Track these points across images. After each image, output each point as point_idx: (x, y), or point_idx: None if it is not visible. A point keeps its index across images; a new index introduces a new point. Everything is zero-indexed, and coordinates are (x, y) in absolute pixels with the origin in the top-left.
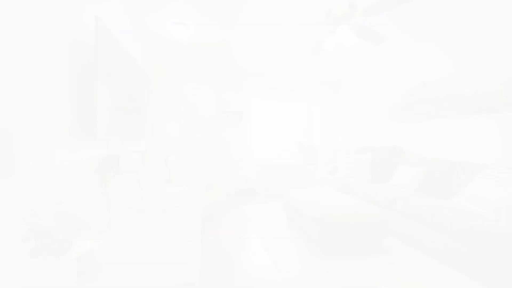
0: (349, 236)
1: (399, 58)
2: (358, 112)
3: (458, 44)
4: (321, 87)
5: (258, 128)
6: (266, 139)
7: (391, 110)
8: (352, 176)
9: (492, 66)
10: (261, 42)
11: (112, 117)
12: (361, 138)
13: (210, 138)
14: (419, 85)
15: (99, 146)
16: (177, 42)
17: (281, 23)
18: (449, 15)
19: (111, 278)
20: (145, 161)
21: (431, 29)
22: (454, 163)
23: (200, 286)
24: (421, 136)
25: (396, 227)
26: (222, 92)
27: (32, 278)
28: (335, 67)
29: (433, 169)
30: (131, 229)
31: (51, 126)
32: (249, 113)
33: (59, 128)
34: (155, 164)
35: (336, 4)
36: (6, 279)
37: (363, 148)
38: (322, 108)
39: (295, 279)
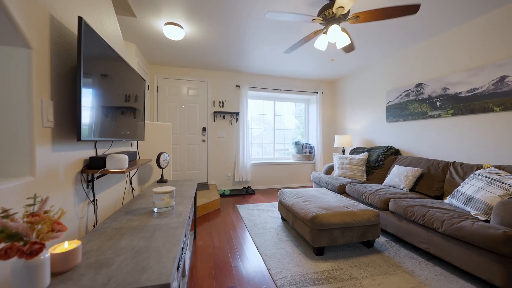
0: (341, 236)
1: (394, 57)
2: (354, 112)
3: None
4: (318, 87)
5: (255, 128)
6: (263, 139)
7: (387, 110)
8: (347, 176)
9: (484, 67)
10: (258, 42)
11: (99, 118)
12: (357, 138)
13: (206, 138)
14: (414, 85)
15: (85, 147)
16: (172, 42)
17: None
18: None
19: (86, 279)
20: (137, 161)
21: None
22: (448, 163)
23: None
24: (415, 136)
25: (389, 227)
26: (219, 91)
27: (2, 281)
28: (331, 68)
29: (427, 169)
30: (116, 230)
31: (31, 126)
32: (245, 113)
33: (40, 128)
34: (148, 164)
35: (328, 4)
36: None
37: (358, 148)
38: (319, 108)
39: (286, 279)
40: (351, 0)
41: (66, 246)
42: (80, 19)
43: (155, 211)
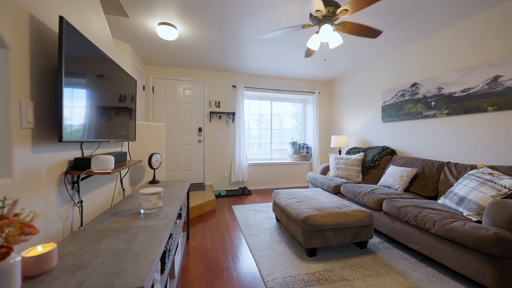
0: (334, 237)
1: (390, 57)
2: (351, 112)
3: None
4: (315, 87)
5: (253, 128)
6: (260, 139)
7: (382, 110)
8: (343, 176)
9: (478, 67)
10: (253, 42)
11: (84, 118)
12: (354, 138)
13: (202, 138)
14: (409, 85)
15: (70, 148)
16: (167, 42)
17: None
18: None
19: (58, 282)
20: (127, 162)
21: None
22: (443, 163)
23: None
24: (411, 136)
25: (383, 227)
26: (215, 92)
27: None
28: (327, 68)
29: (422, 169)
30: (99, 231)
31: (8, 127)
32: (242, 113)
33: (18, 129)
34: (140, 165)
35: (318, 3)
36: None
37: (355, 148)
38: (316, 108)
39: (277, 281)
40: (358, 6)
41: (40, 249)
42: (61, 18)
43: (142, 212)
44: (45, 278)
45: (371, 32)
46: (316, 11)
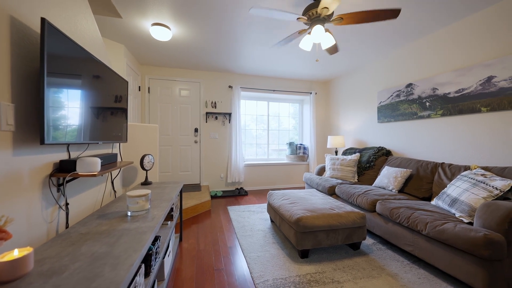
0: (326, 238)
1: (386, 57)
2: (347, 112)
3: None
4: (311, 87)
5: (251, 128)
6: (257, 139)
7: (378, 111)
8: (338, 177)
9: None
10: (249, 42)
11: (70, 120)
12: (350, 138)
13: (198, 139)
14: (404, 86)
15: (56, 150)
16: (161, 43)
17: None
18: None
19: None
20: (117, 163)
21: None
22: (437, 164)
23: None
24: (406, 137)
25: (377, 229)
26: (211, 92)
27: None
28: (324, 68)
29: (416, 170)
30: (81, 235)
31: None
32: (238, 114)
33: None
34: (133, 166)
35: (295, 16)
36: None
37: (351, 148)
38: (312, 108)
39: (268, 283)
40: (336, 1)
41: (16, 253)
42: (43, 20)
43: (129, 214)
44: (19, 284)
45: (383, 14)
46: (298, 18)
